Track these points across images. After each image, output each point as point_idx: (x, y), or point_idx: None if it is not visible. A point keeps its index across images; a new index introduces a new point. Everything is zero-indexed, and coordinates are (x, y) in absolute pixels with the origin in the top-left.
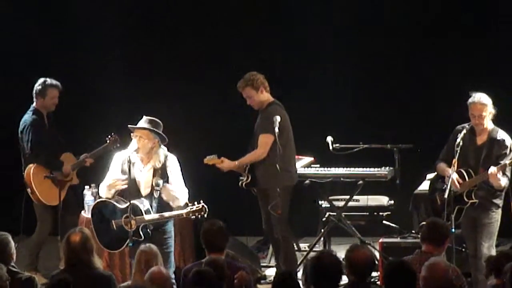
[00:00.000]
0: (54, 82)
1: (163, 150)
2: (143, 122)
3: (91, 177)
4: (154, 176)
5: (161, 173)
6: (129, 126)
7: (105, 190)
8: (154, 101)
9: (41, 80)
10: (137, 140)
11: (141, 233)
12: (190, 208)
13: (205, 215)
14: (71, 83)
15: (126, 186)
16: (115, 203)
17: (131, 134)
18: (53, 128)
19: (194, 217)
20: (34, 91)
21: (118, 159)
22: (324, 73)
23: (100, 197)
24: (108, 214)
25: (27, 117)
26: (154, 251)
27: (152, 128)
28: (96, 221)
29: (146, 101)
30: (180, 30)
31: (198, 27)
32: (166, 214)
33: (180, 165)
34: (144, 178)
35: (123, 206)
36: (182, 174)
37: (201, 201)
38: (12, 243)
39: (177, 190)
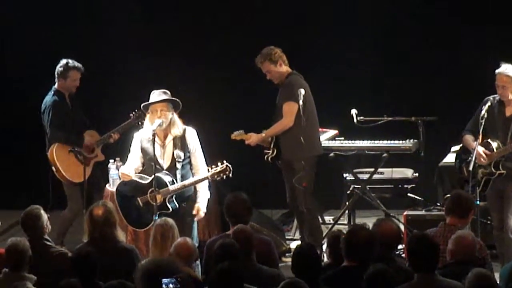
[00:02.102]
0: (76, 64)
1: (179, 120)
2: (158, 95)
3: (116, 151)
4: (175, 148)
5: (181, 145)
6: (145, 104)
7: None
8: (175, 77)
9: (63, 61)
10: (160, 114)
11: (168, 205)
12: (214, 170)
13: (230, 175)
14: (93, 60)
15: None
16: (138, 179)
17: (147, 112)
18: (76, 108)
19: (219, 178)
20: (56, 72)
21: (137, 139)
22: (349, 46)
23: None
24: (132, 192)
25: (48, 98)
26: (169, 224)
27: (170, 98)
28: (121, 202)
29: (167, 77)
30: (199, 5)
31: (218, 2)
32: (191, 180)
33: (200, 139)
34: (166, 151)
35: (147, 181)
36: (202, 148)
37: (224, 161)
38: (45, 216)
39: (197, 166)
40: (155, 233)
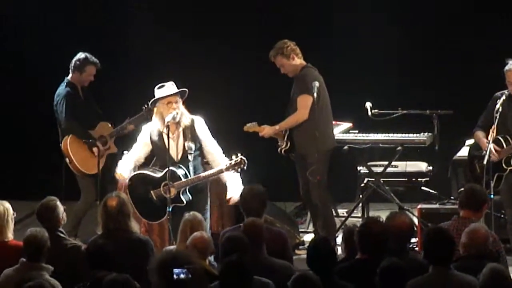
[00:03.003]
0: (94, 59)
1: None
2: (169, 88)
3: (129, 143)
4: (185, 139)
5: (191, 136)
6: (159, 97)
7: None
8: (188, 69)
9: (81, 55)
10: (175, 105)
11: (182, 198)
12: (229, 163)
13: (245, 167)
14: (106, 52)
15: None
16: (150, 173)
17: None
18: (89, 99)
19: (234, 171)
20: (72, 65)
21: (146, 132)
22: (363, 39)
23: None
24: (145, 186)
25: (61, 89)
26: (198, 219)
27: (183, 89)
28: (134, 195)
29: (180, 69)
30: None
31: None
32: (205, 173)
33: (210, 130)
34: (176, 143)
35: (160, 175)
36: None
37: (239, 154)
38: (61, 208)
39: (213, 150)
40: (184, 227)
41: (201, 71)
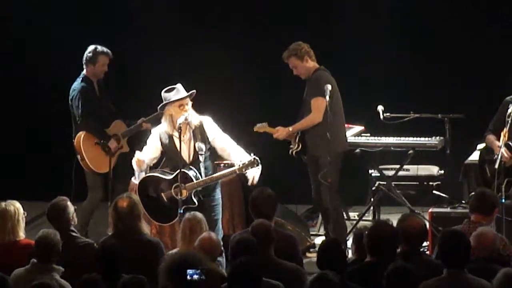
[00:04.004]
0: (105, 49)
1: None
2: (178, 91)
3: (141, 144)
4: (195, 140)
5: (201, 137)
6: (171, 100)
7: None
8: (201, 69)
9: (91, 47)
10: (186, 108)
11: (194, 199)
12: (242, 163)
13: (258, 167)
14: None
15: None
16: (161, 175)
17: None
18: (103, 96)
19: (247, 171)
20: (84, 58)
21: (155, 134)
22: (375, 42)
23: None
24: (155, 188)
25: (77, 84)
26: (198, 218)
27: (190, 92)
28: (144, 198)
29: (193, 69)
30: None
31: None
32: (218, 173)
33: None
34: (188, 145)
35: (170, 177)
36: None
37: (252, 154)
38: (71, 208)
39: (226, 142)
40: (184, 227)
41: (209, 72)
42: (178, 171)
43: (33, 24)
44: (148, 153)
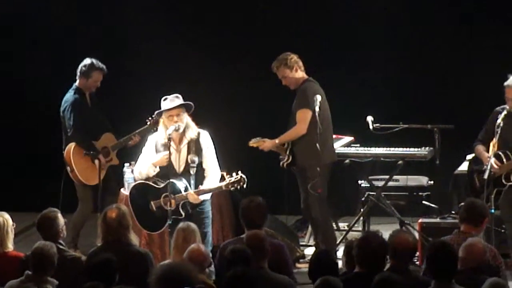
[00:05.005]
0: (100, 65)
1: (193, 123)
2: (172, 101)
3: (131, 155)
4: (189, 152)
5: (195, 149)
6: (161, 111)
7: (147, 167)
8: (191, 82)
9: (87, 61)
10: (177, 118)
11: (181, 211)
12: (229, 180)
13: (244, 186)
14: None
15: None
16: (152, 184)
17: (160, 118)
18: (95, 108)
19: (233, 188)
20: (78, 70)
21: (151, 142)
22: (364, 53)
23: (135, 180)
24: (146, 196)
25: (69, 96)
26: (191, 229)
27: (185, 102)
28: (135, 205)
29: (184, 81)
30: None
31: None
32: (204, 187)
33: (214, 143)
34: (180, 156)
35: (161, 186)
36: (216, 152)
37: (239, 172)
38: (61, 220)
39: (210, 167)
40: (177, 236)
41: (204, 84)
42: (168, 181)
43: (21, 30)
44: (148, 161)
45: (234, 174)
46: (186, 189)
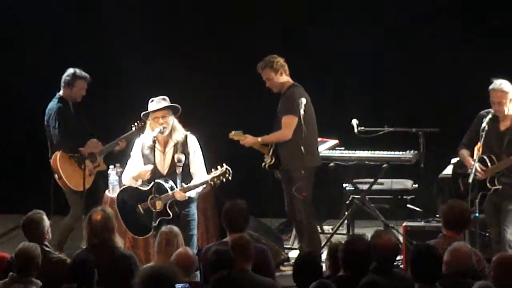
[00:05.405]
0: (84, 74)
1: (180, 125)
2: (158, 102)
3: (116, 158)
4: (175, 152)
5: (182, 149)
6: (146, 112)
7: (130, 180)
8: (177, 84)
9: (70, 70)
10: (162, 120)
11: (169, 211)
12: (214, 173)
13: (230, 178)
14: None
15: (150, 175)
16: (138, 187)
17: (147, 120)
18: (79, 116)
19: (219, 181)
20: (62, 81)
21: (138, 145)
22: (349, 56)
23: (123, 185)
24: (132, 200)
25: (53, 104)
26: (174, 232)
27: (170, 104)
28: (122, 210)
29: (168, 84)
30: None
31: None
32: (190, 184)
33: (200, 146)
34: (166, 158)
35: (147, 188)
36: (203, 155)
37: (224, 164)
38: (47, 222)
39: (197, 172)
40: (160, 239)
41: (189, 85)
42: (154, 182)
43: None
44: (133, 168)
45: (218, 167)
46: (172, 189)
